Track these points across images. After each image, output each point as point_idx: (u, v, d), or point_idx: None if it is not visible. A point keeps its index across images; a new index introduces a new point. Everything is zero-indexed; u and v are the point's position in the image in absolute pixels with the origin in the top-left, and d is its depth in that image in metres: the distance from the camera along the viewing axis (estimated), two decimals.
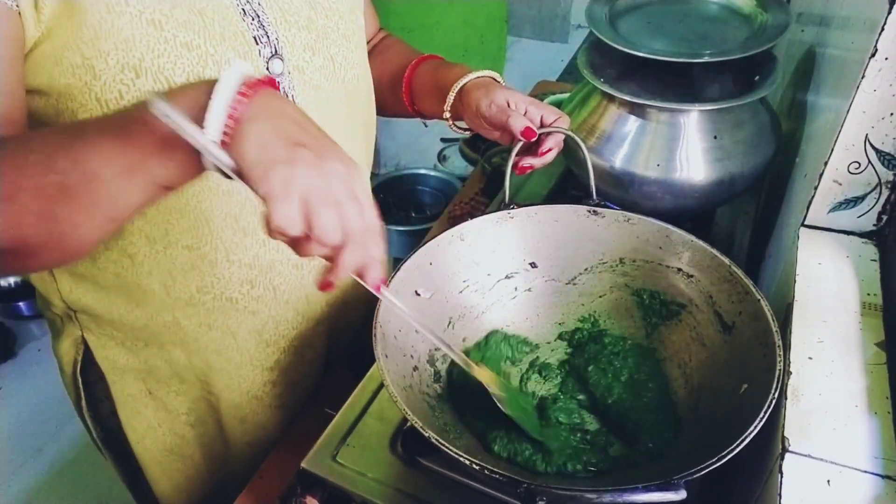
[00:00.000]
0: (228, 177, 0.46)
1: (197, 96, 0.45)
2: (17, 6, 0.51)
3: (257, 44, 0.64)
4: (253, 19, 0.63)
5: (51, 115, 0.58)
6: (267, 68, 0.65)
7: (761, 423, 0.52)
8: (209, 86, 0.45)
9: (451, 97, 0.80)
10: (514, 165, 0.78)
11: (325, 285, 0.51)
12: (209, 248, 0.69)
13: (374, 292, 0.54)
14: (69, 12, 0.53)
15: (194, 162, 0.46)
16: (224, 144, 0.45)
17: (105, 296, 0.72)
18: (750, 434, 0.51)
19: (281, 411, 0.88)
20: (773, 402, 0.53)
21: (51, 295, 0.75)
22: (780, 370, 0.55)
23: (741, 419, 0.53)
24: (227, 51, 0.61)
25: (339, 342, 0.92)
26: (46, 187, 0.46)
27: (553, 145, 0.77)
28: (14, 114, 0.53)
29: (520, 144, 0.76)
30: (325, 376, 0.91)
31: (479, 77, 0.80)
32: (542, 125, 0.77)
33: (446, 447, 0.52)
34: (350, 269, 0.49)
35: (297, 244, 0.47)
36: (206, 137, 0.44)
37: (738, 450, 0.50)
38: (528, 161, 0.78)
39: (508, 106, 0.76)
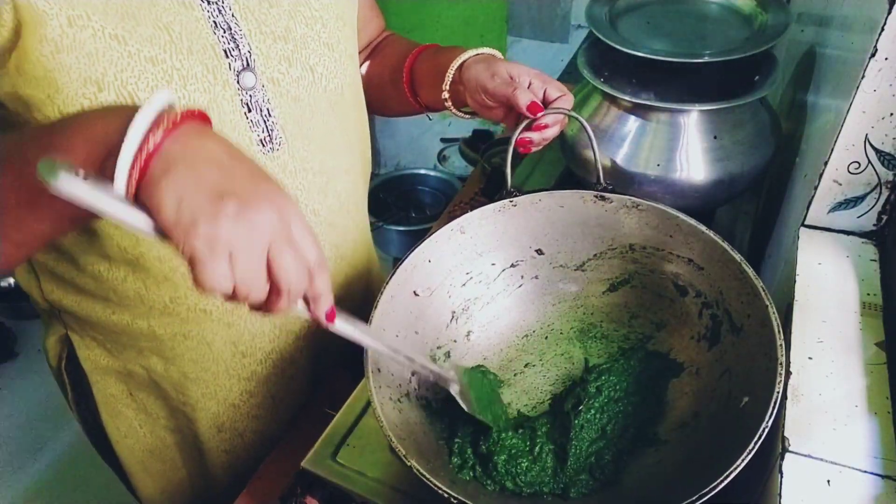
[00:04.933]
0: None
1: (99, 142, 0.41)
2: None
3: (227, 57, 0.62)
4: (224, 32, 0.61)
5: (19, 123, 0.57)
6: (237, 82, 0.63)
7: (759, 442, 0.51)
8: (111, 130, 0.41)
9: (450, 74, 0.76)
10: (536, 130, 0.73)
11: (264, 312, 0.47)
12: (181, 261, 0.68)
13: (324, 324, 0.51)
14: (31, 23, 0.51)
15: None
16: (135, 196, 0.40)
17: (84, 298, 0.71)
18: (747, 456, 0.50)
19: (259, 422, 0.87)
20: (772, 418, 0.52)
21: (33, 293, 0.75)
22: (777, 393, 0.54)
23: (739, 432, 0.53)
24: (195, 65, 0.60)
25: (324, 361, 0.90)
26: None
27: (553, 121, 0.73)
28: None
29: (525, 123, 0.72)
30: (321, 381, 0.90)
31: (478, 54, 0.77)
32: (544, 100, 0.73)
33: (435, 484, 0.52)
34: (286, 310, 0.46)
35: (234, 299, 0.44)
36: (115, 206, 0.39)
37: (731, 476, 0.50)
38: (528, 135, 0.73)
39: (512, 79, 0.72)
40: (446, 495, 0.51)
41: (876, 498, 0.48)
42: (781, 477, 0.49)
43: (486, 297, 0.77)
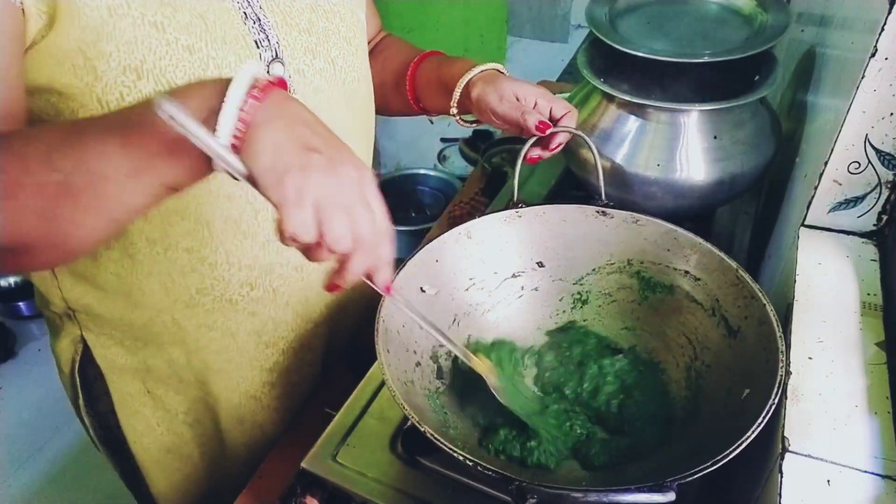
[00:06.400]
0: (237, 178, 0.45)
1: (206, 97, 0.44)
2: (21, 3, 0.50)
3: (258, 47, 0.64)
4: (254, 23, 0.63)
5: (51, 114, 0.58)
6: (268, 72, 0.65)
7: (759, 429, 0.51)
8: (218, 86, 0.44)
9: (457, 94, 0.80)
10: (546, 148, 0.78)
11: (331, 287, 0.51)
12: (209, 251, 0.69)
13: (383, 293, 0.55)
14: (70, 13, 0.53)
15: (204, 163, 0.45)
16: (234, 148, 0.44)
17: (105, 296, 0.72)
18: (747, 439, 0.51)
19: (278, 413, 0.88)
20: (773, 407, 0.53)
21: (51, 293, 0.75)
22: (781, 375, 0.55)
23: (741, 423, 0.53)
24: (229, 54, 0.61)
25: (336, 344, 0.92)
26: (48, 186, 0.45)
27: (562, 139, 0.78)
28: (15, 108, 0.53)
29: (533, 139, 0.76)
30: (324, 376, 0.91)
31: (483, 71, 0.80)
32: (551, 118, 0.77)
33: (441, 442, 0.52)
34: (358, 274, 0.49)
35: (309, 250, 0.47)
36: (218, 142, 0.43)
37: (733, 454, 0.50)
38: (538, 152, 0.78)
39: (518, 100, 0.76)
40: (461, 457, 0.51)
41: (876, 498, 0.48)
42: (781, 477, 0.49)
43: (486, 305, 0.77)
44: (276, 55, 0.65)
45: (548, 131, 0.75)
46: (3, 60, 0.51)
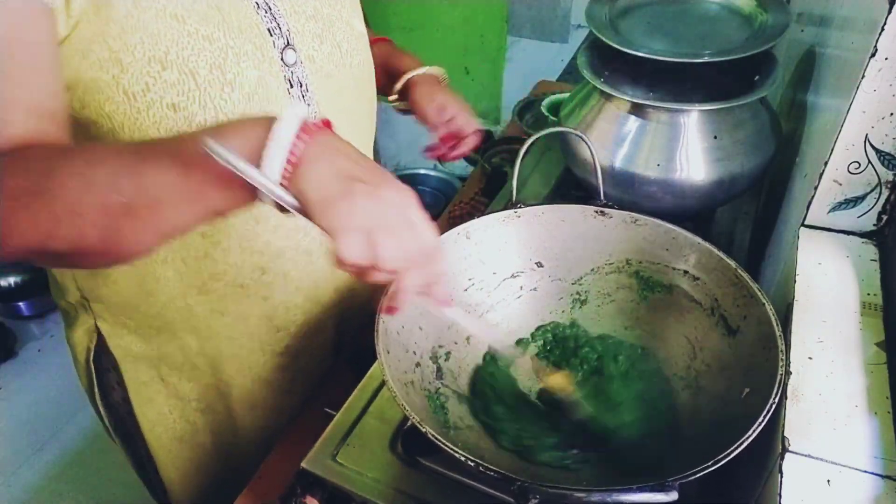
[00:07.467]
0: (285, 210, 0.48)
1: (255, 135, 0.47)
2: (53, 5, 0.52)
3: (271, 35, 0.66)
4: (266, 12, 0.65)
5: (76, 108, 0.59)
6: (282, 59, 0.67)
7: (759, 428, 0.52)
8: (265, 126, 0.47)
9: (398, 86, 0.91)
10: (444, 157, 0.94)
11: (388, 310, 0.53)
12: (223, 236, 0.71)
13: (443, 307, 0.56)
14: (96, 8, 0.55)
15: (249, 194, 0.48)
16: (281, 185, 0.47)
17: (120, 284, 0.73)
18: (748, 439, 0.51)
19: (290, 396, 0.90)
20: (773, 406, 0.53)
21: (66, 284, 0.77)
22: (781, 374, 0.55)
23: (741, 423, 0.53)
24: (245, 43, 0.63)
25: (348, 328, 0.93)
26: (111, 206, 0.49)
27: (463, 150, 0.93)
28: (58, 108, 0.55)
29: (525, 145, 0.79)
30: (326, 374, 0.91)
31: (426, 73, 0.91)
32: (458, 132, 0.92)
33: (442, 443, 0.52)
34: (413, 292, 0.51)
35: (364, 272, 0.49)
36: (268, 178, 0.46)
37: (733, 454, 0.50)
38: (444, 152, 0.93)
39: (445, 109, 0.89)
40: (461, 457, 0.51)
41: (876, 498, 0.48)
42: (781, 477, 0.49)
43: (486, 305, 0.77)
44: (288, 42, 0.67)
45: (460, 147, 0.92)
46: (45, 62, 0.53)
